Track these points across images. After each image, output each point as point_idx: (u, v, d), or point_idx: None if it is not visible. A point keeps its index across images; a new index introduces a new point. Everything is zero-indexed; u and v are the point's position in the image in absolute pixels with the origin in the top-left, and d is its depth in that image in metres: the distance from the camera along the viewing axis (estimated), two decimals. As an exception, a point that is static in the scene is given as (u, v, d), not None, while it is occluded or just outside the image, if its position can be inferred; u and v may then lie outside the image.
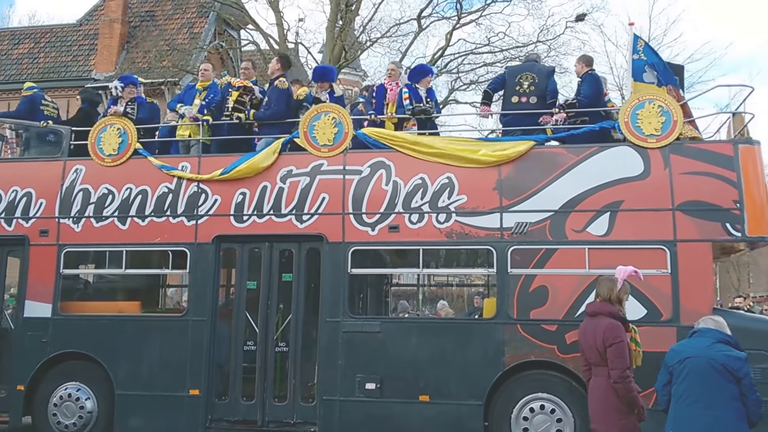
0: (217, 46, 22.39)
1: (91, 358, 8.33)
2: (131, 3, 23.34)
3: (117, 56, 21.63)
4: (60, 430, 8.34)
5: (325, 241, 8.04)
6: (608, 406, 5.46)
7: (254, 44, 21.78)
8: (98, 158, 8.75)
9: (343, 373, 7.79)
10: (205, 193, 8.43)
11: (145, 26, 22.88)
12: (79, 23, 23.99)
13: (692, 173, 7.50)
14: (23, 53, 23.14)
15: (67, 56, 22.76)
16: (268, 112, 8.47)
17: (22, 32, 24.93)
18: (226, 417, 8.10)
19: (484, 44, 21.76)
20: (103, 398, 8.30)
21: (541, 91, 8.20)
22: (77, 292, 9.00)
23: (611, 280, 5.76)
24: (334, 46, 19.59)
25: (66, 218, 8.67)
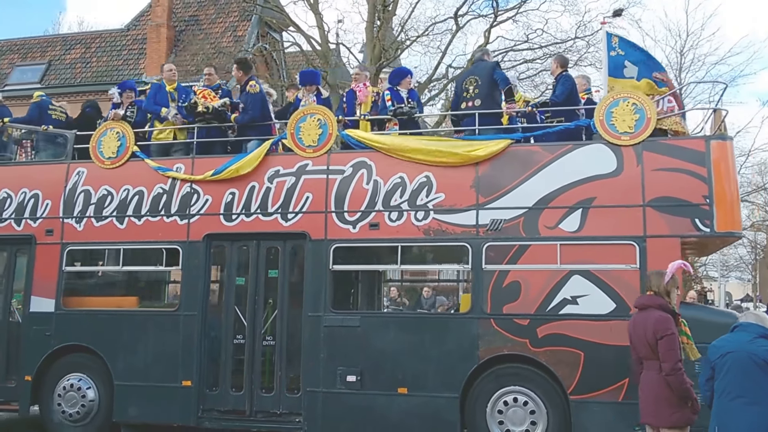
0: (260, 48, 22.90)
1: (91, 350, 8.80)
2: (176, 8, 24.12)
3: (165, 60, 22.13)
4: (64, 418, 8.83)
5: (308, 238, 8.35)
6: (660, 399, 5.43)
7: (297, 46, 22.15)
8: (98, 161, 9.21)
9: (325, 365, 8.09)
10: (197, 194, 8.81)
11: (190, 30, 23.65)
12: (127, 28, 24.93)
13: (664, 169, 7.58)
14: (76, 58, 24.14)
15: (117, 60, 23.69)
16: (247, 117, 8.81)
17: (74, 38, 26.13)
18: (216, 407, 8.47)
19: (523, 41, 21.61)
20: (104, 388, 8.75)
21: (486, 90, 8.26)
22: (79, 288, 9.47)
23: (660, 274, 5.74)
24: (374, 46, 19.75)
25: (69, 218, 9.15)
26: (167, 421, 8.56)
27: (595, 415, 7.35)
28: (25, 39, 26.43)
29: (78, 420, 8.78)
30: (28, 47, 25.62)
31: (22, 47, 25.66)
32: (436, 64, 21.76)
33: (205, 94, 9.02)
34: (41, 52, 25.14)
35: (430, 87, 21.75)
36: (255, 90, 8.80)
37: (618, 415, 7.31)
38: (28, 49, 25.45)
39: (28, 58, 24.93)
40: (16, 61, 24.84)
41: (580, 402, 7.38)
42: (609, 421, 7.32)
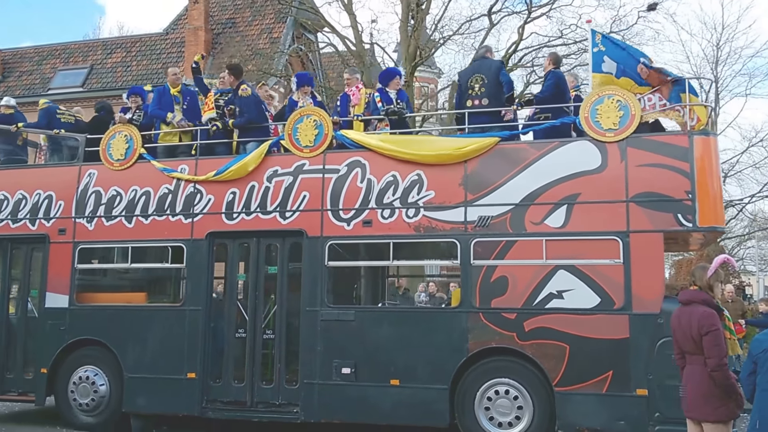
0: (296, 49, 23.29)
1: (103, 344, 9.23)
2: (213, 11, 24.61)
3: (204, 62, 22.70)
4: (78, 408, 9.28)
5: (305, 235, 8.65)
6: (705, 394, 5.35)
7: (332, 46, 22.41)
8: (108, 163, 9.62)
9: (321, 358, 8.40)
10: (200, 193, 9.17)
11: (227, 33, 24.14)
12: (165, 32, 25.55)
13: (648, 165, 7.71)
14: (117, 62, 24.83)
15: (157, 63, 24.24)
16: (243, 120, 9.14)
17: (114, 42, 26.82)
18: (219, 398, 8.83)
19: (557, 37, 21.55)
20: (114, 380, 9.18)
21: (493, 90, 8.44)
22: (90, 284, 9.90)
23: (704, 268, 5.66)
24: (408, 45, 19.89)
25: (81, 218, 9.58)
26: (173, 411, 8.95)
27: (579, 407, 7.54)
28: (67, 44, 27.22)
29: (90, 410, 9.23)
30: (70, 52, 26.35)
31: (63, 52, 26.42)
32: (471, 61, 21.81)
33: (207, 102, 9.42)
34: (83, 56, 25.87)
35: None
36: (246, 93, 9.11)
37: (601, 407, 7.50)
38: (70, 54, 26.18)
39: (71, 63, 25.67)
40: (58, 66, 25.61)
41: (565, 394, 7.58)
42: (592, 413, 7.50)
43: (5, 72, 26.20)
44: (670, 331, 7.19)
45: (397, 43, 22.01)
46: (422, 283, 11.94)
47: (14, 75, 26.11)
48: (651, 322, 7.41)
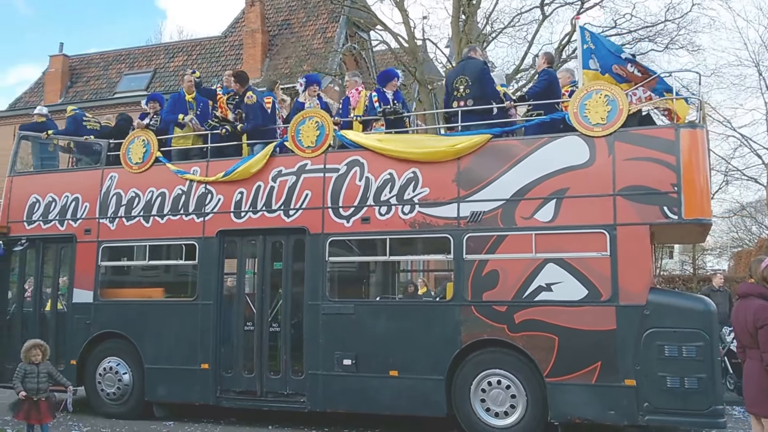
0: (350, 48, 23.69)
1: (125, 336, 9.83)
2: (268, 13, 25.29)
3: (261, 63, 23.51)
4: (105, 397, 9.91)
5: (307, 233, 9.02)
6: (763, 389, 5.25)
7: (385, 44, 22.62)
8: (127, 166, 10.19)
9: (324, 350, 8.77)
10: (211, 194, 9.63)
11: (283, 34, 24.75)
12: (224, 35, 26.37)
13: (635, 159, 7.78)
14: (179, 65, 25.71)
15: (216, 66, 24.97)
16: (249, 126, 9.55)
17: (175, 46, 27.91)
18: (232, 388, 9.31)
19: (611, 27, 21.29)
20: (136, 371, 9.76)
21: (477, 91, 8.61)
22: (113, 281, 10.50)
23: (759, 261, 5.59)
24: (460, 40, 19.89)
25: (104, 218, 10.19)
26: (190, 400, 9.48)
27: (570, 397, 7.70)
28: (131, 49, 28.38)
29: (116, 399, 9.85)
30: (134, 57, 27.47)
31: (128, 57, 27.55)
32: (523, 54, 21.61)
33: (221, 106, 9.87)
34: (147, 61, 26.93)
35: (517, 78, 21.73)
36: (252, 101, 9.51)
37: (591, 397, 7.64)
38: (134, 59, 27.29)
39: (135, 67, 26.75)
40: (123, 71, 26.72)
41: (556, 384, 7.75)
42: (583, 403, 7.65)
43: (73, 78, 27.42)
44: (656, 322, 7.43)
45: (448, 39, 22.05)
46: (420, 278, 12.24)
47: (82, 80, 27.33)
48: (637, 313, 7.52)
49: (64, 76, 27.15)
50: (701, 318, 7.39)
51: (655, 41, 20.93)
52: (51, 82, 27.08)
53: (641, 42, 20.60)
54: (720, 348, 9.70)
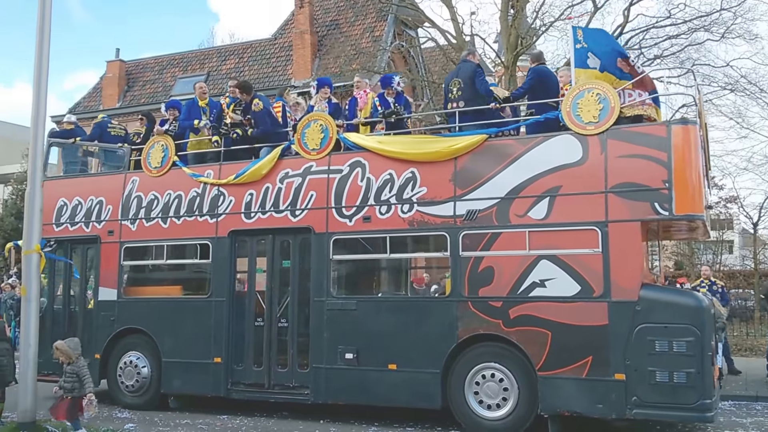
0: (398, 46, 23.93)
1: (144, 332, 10.32)
2: (317, 14, 25.80)
3: (311, 64, 24.04)
4: (125, 389, 10.42)
5: (312, 232, 9.35)
6: None
7: (433, 41, 22.52)
8: (147, 170, 10.70)
9: (328, 344, 9.07)
10: (223, 195, 10.06)
11: (332, 35, 25.22)
12: (274, 37, 26.95)
13: (627, 156, 7.87)
14: (231, 68, 26.42)
15: (267, 68, 25.70)
16: (259, 132, 9.96)
17: (227, 49, 28.65)
18: (242, 380, 9.70)
19: (665, 17, 20.67)
20: (155, 364, 10.24)
21: (469, 93, 8.83)
22: (134, 279, 11.02)
23: None
24: (509, 35, 19.79)
25: (125, 220, 10.71)
26: (203, 392, 9.91)
27: (561, 390, 7.83)
28: (185, 53, 29.26)
29: (135, 391, 10.34)
30: (188, 60, 28.32)
31: (182, 61, 28.43)
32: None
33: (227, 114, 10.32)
34: (200, 64, 27.70)
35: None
36: (259, 108, 9.90)
37: (580, 391, 7.75)
38: (188, 63, 28.13)
39: (189, 71, 27.51)
40: (178, 74, 27.58)
41: (547, 378, 7.88)
42: (573, 396, 7.77)
43: (130, 82, 28.41)
44: (647, 318, 7.51)
45: (497, 34, 21.95)
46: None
47: (138, 84, 28.30)
48: (629, 309, 7.60)
49: (121, 81, 28.09)
50: (692, 314, 7.43)
51: (710, 31, 20.24)
52: (108, 87, 28.06)
53: (697, 32, 20.06)
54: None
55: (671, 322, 7.44)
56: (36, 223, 9.01)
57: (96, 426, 8.63)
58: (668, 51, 20.62)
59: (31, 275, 8.88)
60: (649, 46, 20.88)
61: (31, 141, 9.21)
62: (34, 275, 8.91)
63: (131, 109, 25.60)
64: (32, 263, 8.90)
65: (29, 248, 8.90)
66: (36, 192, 9.04)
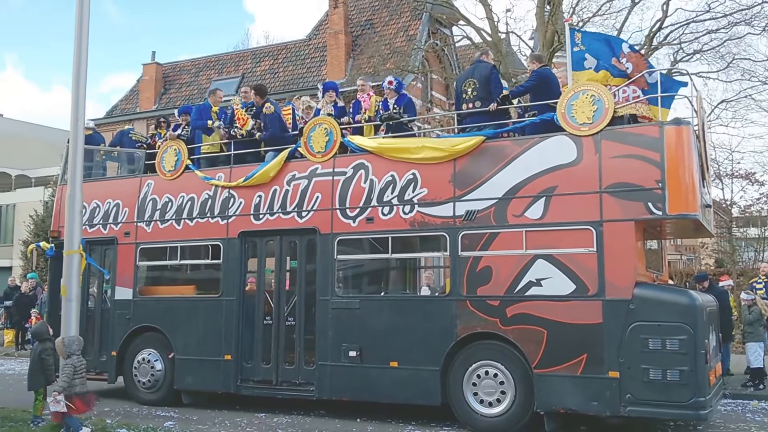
0: (432, 44, 23.98)
1: (159, 330, 10.67)
2: (351, 14, 26.07)
3: (345, 64, 24.33)
4: (140, 386, 10.78)
5: (318, 233, 9.60)
6: None
7: (468, 39, 22.38)
8: (162, 174, 11.06)
9: (332, 342, 9.31)
10: (233, 197, 10.36)
11: (366, 34, 25.51)
12: (308, 38, 27.32)
13: (621, 156, 7.98)
14: (265, 69, 26.88)
15: (302, 69, 26.05)
16: (267, 135, 10.26)
17: (262, 51, 29.12)
18: (251, 377, 9.98)
19: (704, 11, 20.31)
20: (168, 361, 10.58)
21: (484, 94, 8.99)
22: (149, 279, 11.40)
23: None
24: (545, 32, 19.66)
25: (141, 222, 11.09)
26: (214, 388, 10.22)
27: (556, 388, 7.95)
28: (220, 55, 29.79)
29: (149, 387, 10.69)
30: (223, 62, 28.82)
31: (217, 63, 28.94)
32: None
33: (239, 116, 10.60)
34: (235, 66, 28.18)
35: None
36: (270, 111, 10.20)
37: (576, 388, 7.87)
38: (223, 65, 28.64)
39: (224, 73, 28.04)
40: (213, 76, 28.09)
41: (543, 375, 8.02)
42: (568, 394, 7.90)
43: (166, 85, 28.98)
44: (640, 316, 7.62)
45: (533, 30, 21.84)
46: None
47: (174, 87, 28.90)
48: (623, 307, 7.71)
49: (157, 84, 28.66)
50: (685, 312, 7.52)
51: (751, 24, 19.82)
52: (145, 90, 28.69)
53: (737, 26, 19.74)
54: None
55: (664, 320, 7.53)
56: (77, 224, 9.09)
57: (136, 424, 8.82)
58: (708, 46, 20.34)
59: (72, 275, 8.88)
60: (688, 41, 20.62)
61: (71, 143, 9.30)
62: (75, 275, 8.90)
63: (168, 111, 26.13)
64: (73, 264, 8.91)
65: (70, 249, 8.93)
66: (76, 194, 9.11)
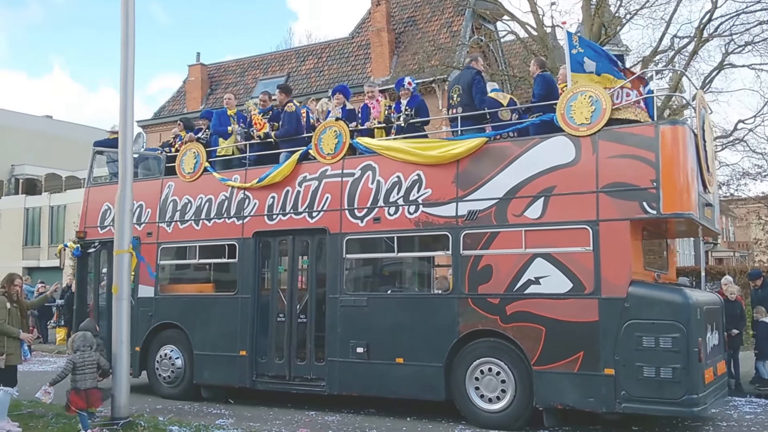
0: (476, 41, 23.86)
1: (179, 326, 11.11)
2: (393, 11, 26.12)
3: (389, 61, 24.43)
4: (162, 380, 11.24)
5: (328, 232, 9.91)
6: None
7: (513, 34, 22.47)
8: (181, 176, 11.50)
9: (341, 339, 9.61)
10: (248, 198, 10.73)
11: (409, 31, 25.51)
12: (351, 36, 27.45)
13: (617, 156, 8.10)
14: (310, 68, 27.08)
15: (346, 67, 26.19)
16: (283, 131, 10.57)
17: (305, 50, 29.27)
18: (265, 372, 10.34)
19: (755, 1, 19.84)
20: (188, 357, 11.01)
21: (467, 101, 9.25)
22: (170, 277, 11.85)
23: None
24: (592, 24, 19.41)
25: (162, 222, 11.55)
26: (230, 383, 10.61)
27: (554, 384, 8.13)
28: (264, 55, 30.09)
29: (171, 382, 11.15)
30: (268, 62, 29.12)
31: (262, 62, 29.27)
32: (661, 35, 20.57)
33: (256, 121, 10.98)
34: (279, 65, 28.42)
35: (655, 60, 20.61)
36: (291, 109, 10.56)
37: (573, 385, 8.03)
38: (267, 64, 28.94)
39: (269, 72, 28.27)
40: (258, 76, 28.38)
41: (542, 372, 8.19)
42: (565, 390, 8.06)
43: (212, 85, 29.40)
44: (635, 314, 7.75)
45: (579, 24, 21.58)
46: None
47: (221, 88, 29.15)
48: (618, 305, 7.84)
49: (203, 84, 29.07)
50: (678, 310, 7.61)
51: None
52: (192, 91, 29.08)
53: None
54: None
55: (658, 318, 7.64)
56: (126, 224, 9.16)
57: (188, 421, 8.95)
58: (759, 37, 19.92)
59: (123, 275, 9.00)
60: (739, 33, 20.17)
61: (120, 144, 9.36)
62: (126, 275, 9.03)
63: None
64: (123, 263, 9.04)
65: (120, 248, 9.05)
66: (126, 194, 9.17)
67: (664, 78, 21.91)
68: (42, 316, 21.15)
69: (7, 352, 8.34)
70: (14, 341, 8.47)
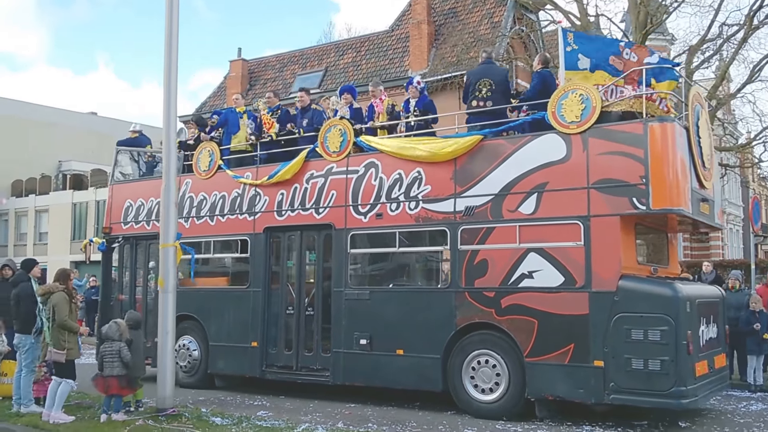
0: (518, 31, 23.79)
1: (195, 318, 11.59)
2: (434, 3, 26.12)
3: (427, 54, 24.45)
4: (180, 370, 11.69)
5: (333, 228, 10.24)
6: None
7: (556, 24, 22.12)
8: (197, 173, 11.96)
9: (345, 331, 9.95)
10: (259, 195, 11.13)
11: (449, 23, 25.46)
12: (391, 29, 27.54)
13: (607, 153, 8.24)
14: (348, 62, 27.36)
15: (384, 60, 26.34)
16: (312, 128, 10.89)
17: (344, 44, 29.60)
18: (275, 363, 10.75)
19: None
20: (204, 347, 11.49)
21: (498, 95, 9.37)
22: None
23: None
24: (638, 13, 19.12)
25: (180, 218, 11.99)
26: (242, 372, 11.05)
27: (545, 376, 8.33)
28: (303, 50, 30.31)
29: (188, 371, 11.64)
30: (307, 57, 29.43)
31: (301, 57, 29.61)
32: (709, 23, 20.28)
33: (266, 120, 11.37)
34: (318, 60, 28.71)
35: (703, 49, 20.45)
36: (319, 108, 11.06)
37: (563, 376, 8.22)
38: (306, 59, 29.27)
39: (307, 67, 28.65)
40: (297, 71, 28.79)
41: (534, 364, 8.40)
42: (556, 381, 8.26)
43: (252, 81, 29.82)
44: (624, 307, 7.92)
45: (624, 12, 21.38)
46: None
47: (260, 83, 29.74)
48: (608, 299, 8.00)
49: (243, 80, 29.48)
50: (667, 304, 7.75)
51: None
52: (232, 86, 29.45)
53: None
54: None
55: (646, 311, 7.78)
56: (172, 218, 9.13)
57: (230, 413, 9.04)
58: None
59: (169, 268, 9.05)
60: None
61: (164, 140, 9.34)
62: (171, 268, 9.08)
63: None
64: (169, 256, 9.08)
65: (166, 242, 9.08)
66: (171, 188, 9.14)
67: (710, 66, 21.56)
68: (90, 310, 21.78)
69: (68, 347, 8.55)
70: (73, 336, 8.70)
